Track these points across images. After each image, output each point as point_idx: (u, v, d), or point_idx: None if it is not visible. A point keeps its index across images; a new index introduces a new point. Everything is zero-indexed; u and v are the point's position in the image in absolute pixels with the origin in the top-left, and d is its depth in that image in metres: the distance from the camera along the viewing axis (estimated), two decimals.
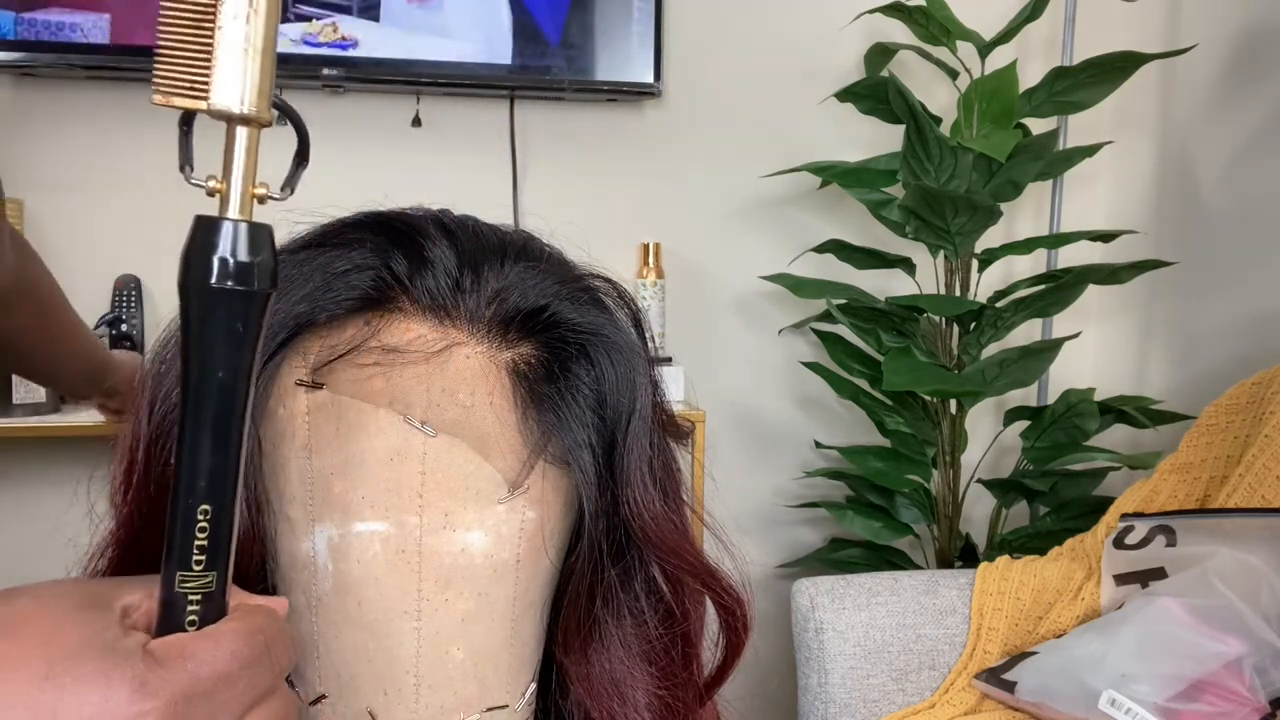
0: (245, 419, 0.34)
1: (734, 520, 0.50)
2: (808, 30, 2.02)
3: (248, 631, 0.35)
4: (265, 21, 0.32)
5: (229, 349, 0.33)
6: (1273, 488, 1.35)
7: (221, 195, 0.33)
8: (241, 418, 0.34)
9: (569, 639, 0.47)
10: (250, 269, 0.33)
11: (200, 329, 0.33)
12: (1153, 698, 1.24)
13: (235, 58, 0.32)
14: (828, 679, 1.47)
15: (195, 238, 0.33)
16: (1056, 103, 1.75)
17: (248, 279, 0.32)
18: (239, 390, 0.33)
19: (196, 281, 0.32)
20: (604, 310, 0.47)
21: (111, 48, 1.70)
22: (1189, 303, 1.93)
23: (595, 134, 1.98)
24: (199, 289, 0.32)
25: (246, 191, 0.33)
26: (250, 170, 0.33)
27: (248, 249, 0.33)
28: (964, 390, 1.67)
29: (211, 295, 0.32)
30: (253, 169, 0.33)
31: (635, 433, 0.45)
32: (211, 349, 0.33)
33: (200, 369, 0.33)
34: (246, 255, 0.32)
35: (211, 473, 0.33)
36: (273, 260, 0.33)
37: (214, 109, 0.32)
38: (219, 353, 0.33)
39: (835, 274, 1.92)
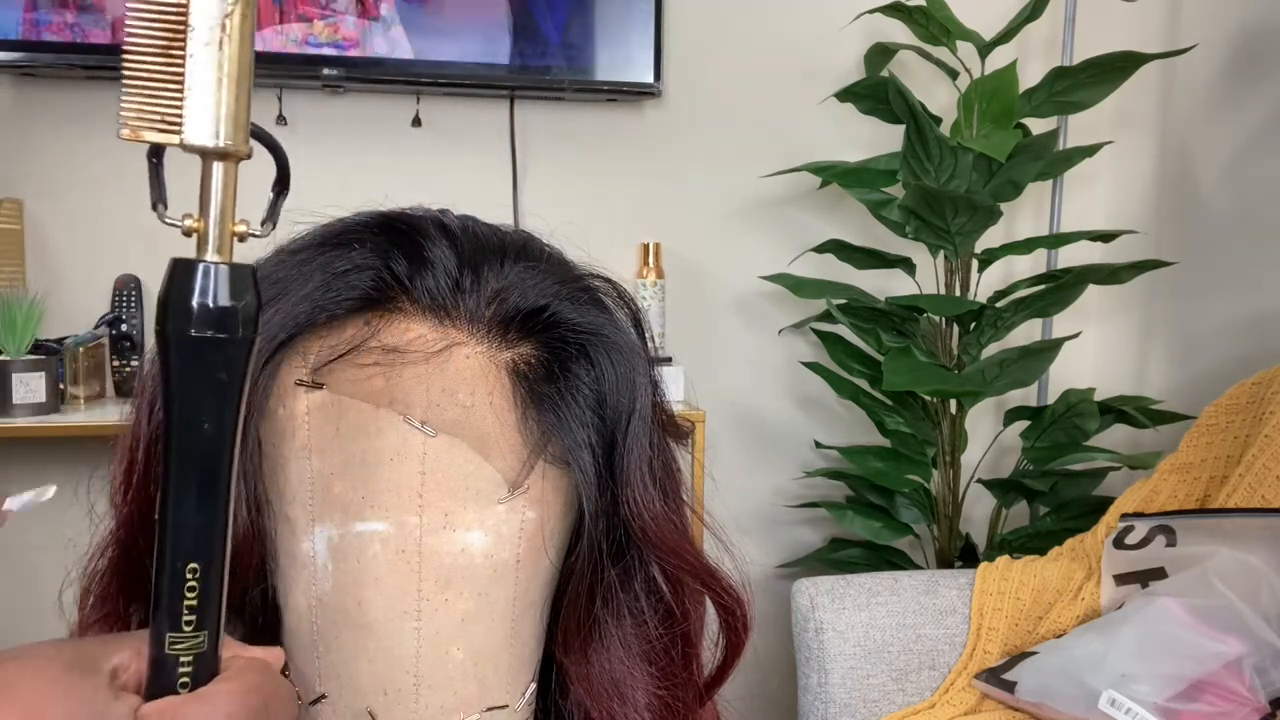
0: (233, 470, 0.32)
1: (734, 520, 0.50)
2: (808, 30, 2.02)
3: (242, 691, 0.33)
4: (239, 47, 0.30)
5: (213, 399, 0.31)
6: (1273, 488, 1.35)
7: (199, 235, 0.31)
8: (229, 469, 0.32)
9: (569, 639, 0.47)
10: (233, 315, 0.31)
11: (181, 379, 0.31)
12: (1153, 698, 1.24)
13: (208, 88, 0.30)
14: (828, 679, 1.47)
15: (173, 282, 0.30)
16: (1056, 103, 1.75)
17: (230, 326, 0.30)
18: (225, 441, 0.32)
19: (176, 330, 0.30)
20: (604, 310, 0.47)
21: (112, 48, 1.70)
22: (1189, 303, 1.93)
23: (595, 134, 1.98)
24: (179, 338, 0.30)
25: (226, 230, 0.31)
26: (229, 206, 0.31)
27: (229, 293, 0.30)
28: (964, 390, 1.67)
29: (192, 344, 0.30)
30: (231, 205, 0.31)
31: (635, 433, 0.45)
32: (194, 400, 0.31)
33: (183, 421, 0.31)
34: (228, 300, 0.30)
35: (198, 529, 0.32)
36: (256, 302, 0.31)
37: (188, 144, 0.30)
38: (203, 403, 0.31)
39: (835, 274, 1.92)
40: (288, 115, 1.84)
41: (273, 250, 0.46)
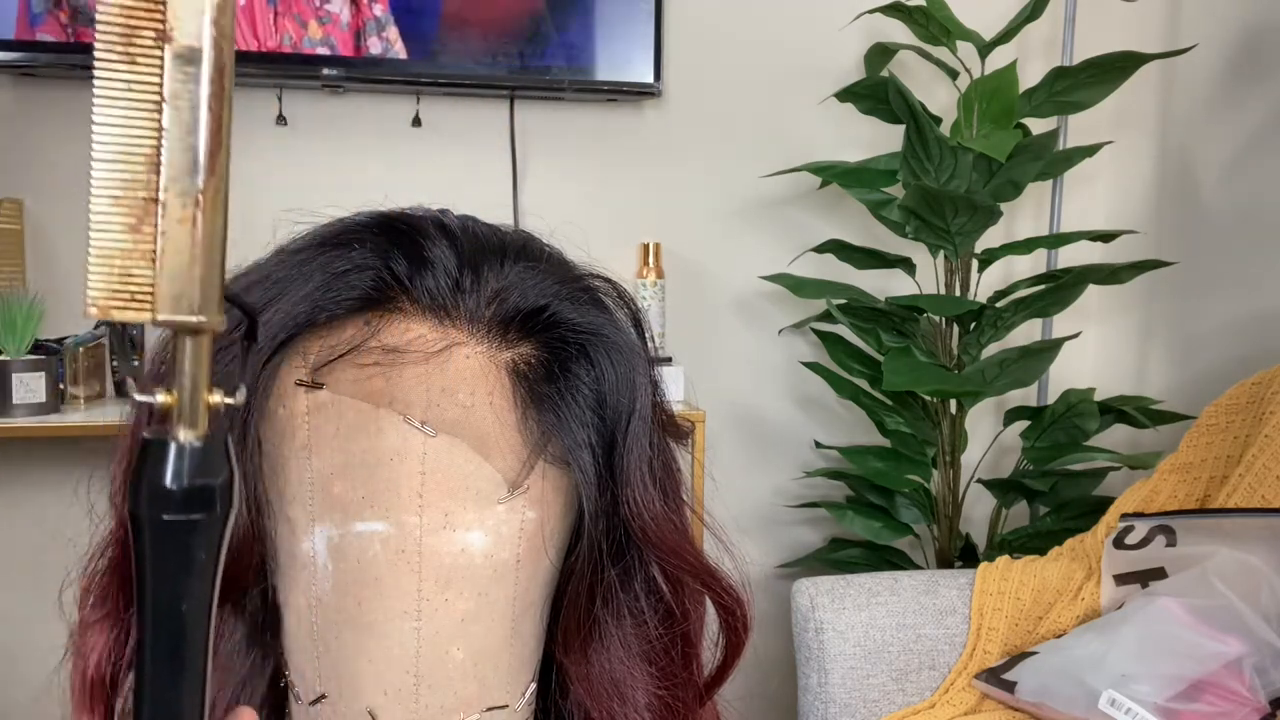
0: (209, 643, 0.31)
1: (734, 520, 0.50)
2: (808, 30, 2.02)
3: None
4: (213, 218, 0.28)
5: (190, 579, 0.30)
6: (1273, 488, 1.35)
7: (173, 409, 0.30)
8: (206, 643, 0.31)
9: (569, 639, 0.47)
10: (209, 493, 0.29)
11: (156, 562, 0.29)
12: (1153, 698, 1.24)
13: (182, 264, 0.28)
14: (828, 679, 1.47)
15: (144, 464, 0.29)
16: (1056, 103, 1.75)
17: (207, 505, 0.29)
18: (202, 616, 0.30)
19: (150, 514, 0.29)
20: (604, 310, 0.47)
21: None
22: (1189, 303, 1.93)
23: (595, 134, 1.98)
24: (153, 522, 0.29)
25: (199, 402, 0.30)
26: (203, 377, 0.30)
27: (205, 470, 0.29)
28: (964, 390, 1.67)
29: (167, 527, 0.29)
30: (205, 375, 0.30)
31: (635, 433, 0.45)
32: (170, 581, 0.30)
33: (157, 603, 0.30)
34: (204, 478, 0.29)
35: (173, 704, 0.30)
36: (229, 471, 0.30)
37: (160, 321, 0.28)
38: (179, 584, 0.30)
39: (835, 274, 1.92)
40: (287, 115, 1.84)
41: (273, 250, 0.46)
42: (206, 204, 0.28)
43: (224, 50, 0.28)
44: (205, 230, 0.28)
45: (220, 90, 0.28)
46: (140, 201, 0.28)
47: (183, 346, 0.30)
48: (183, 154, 0.28)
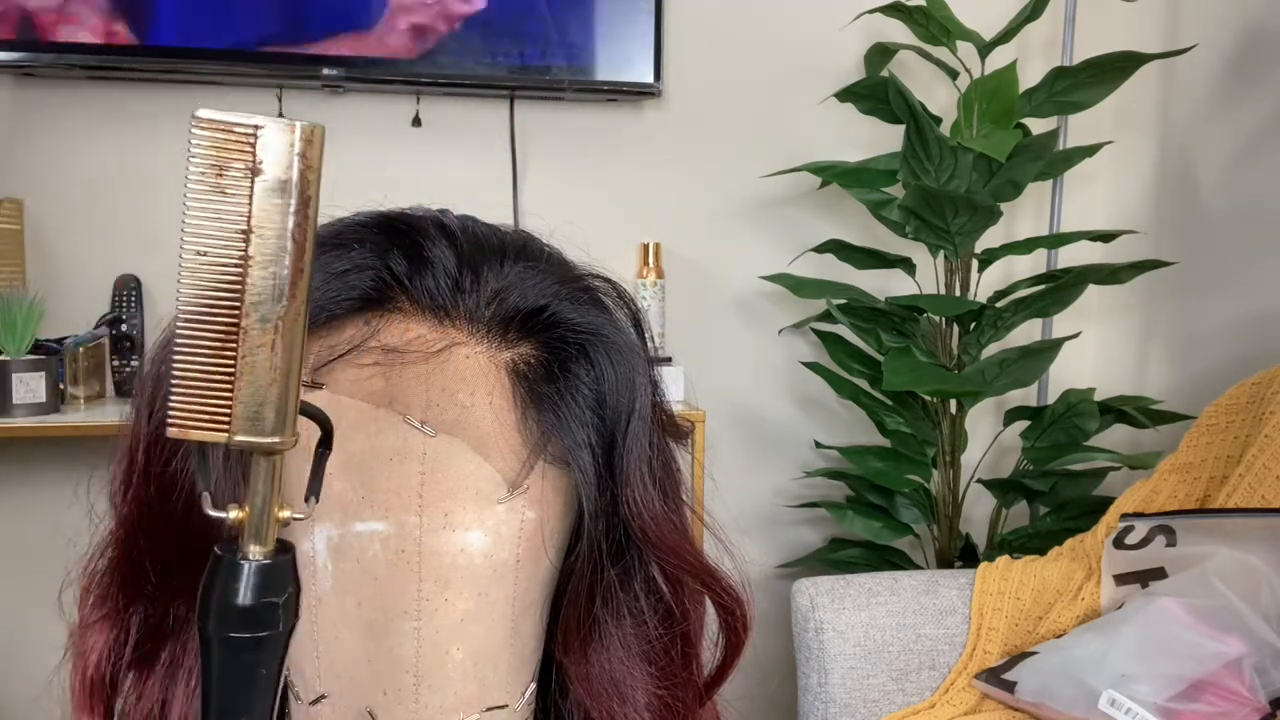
0: None
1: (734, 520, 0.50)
2: (808, 30, 2.02)
3: None
4: (292, 344, 0.29)
5: (253, 693, 0.31)
6: (1273, 488, 1.35)
7: (243, 525, 0.31)
8: None
9: (569, 639, 0.47)
10: (275, 611, 0.31)
11: (221, 674, 0.31)
12: (1153, 698, 1.24)
13: (259, 387, 0.29)
14: (828, 679, 1.47)
15: (214, 580, 0.30)
16: (1056, 103, 1.75)
17: (272, 622, 0.31)
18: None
19: (218, 630, 0.30)
20: (604, 310, 0.47)
21: (112, 48, 1.70)
22: (1189, 303, 1.93)
23: (595, 134, 1.98)
24: (221, 639, 0.30)
25: (269, 519, 0.31)
26: (274, 495, 0.31)
27: (272, 588, 0.31)
28: (964, 390, 1.67)
29: (234, 644, 0.30)
30: (277, 493, 0.31)
31: (635, 433, 0.45)
32: (234, 693, 0.31)
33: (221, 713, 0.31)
34: (270, 596, 0.31)
35: None
36: (297, 588, 0.32)
37: (236, 443, 0.30)
38: (242, 696, 0.31)
39: (835, 274, 1.92)
40: (288, 115, 1.84)
41: None
42: (286, 329, 0.29)
43: (310, 183, 0.29)
44: (284, 354, 0.29)
45: (304, 220, 0.29)
46: (224, 327, 0.29)
47: (256, 465, 0.30)
48: (265, 281, 0.29)
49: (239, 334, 0.29)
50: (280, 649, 0.31)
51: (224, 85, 1.82)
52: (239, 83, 1.81)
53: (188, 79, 1.79)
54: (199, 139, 0.28)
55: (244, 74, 1.78)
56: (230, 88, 1.82)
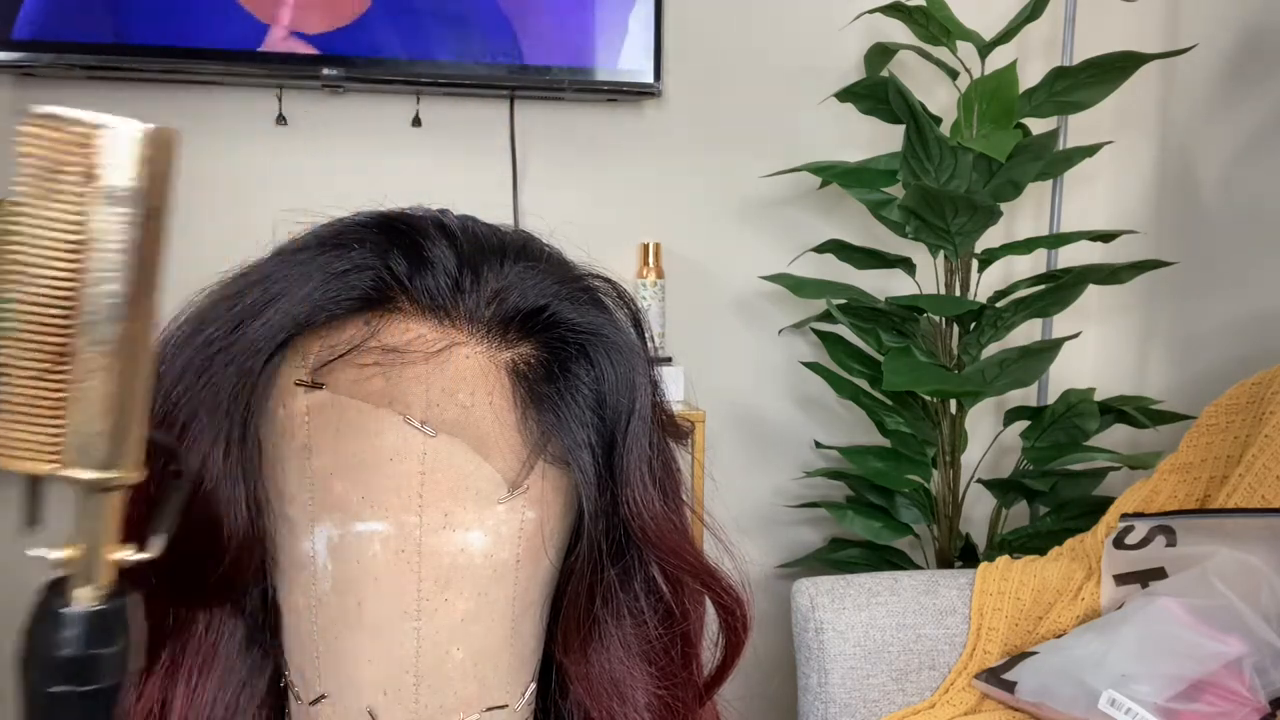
0: None
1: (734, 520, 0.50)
2: (808, 30, 2.02)
3: None
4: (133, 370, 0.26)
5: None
6: (1273, 488, 1.35)
7: (73, 568, 0.27)
8: None
9: (569, 639, 0.47)
10: (97, 664, 0.27)
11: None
12: (1153, 698, 1.24)
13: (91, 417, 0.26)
14: (828, 679, 1.47)
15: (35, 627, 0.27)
16: (1056, 103, 1.75)
17: (95, 677, 0.27)
18: None
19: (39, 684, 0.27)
20: (604, 310, 0.47)
21: (112, 48, 1.70)
22: (1189, 303, 1.93)
23: (595, 134, 1.98)
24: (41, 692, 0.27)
25: (100, 560, 0.27)
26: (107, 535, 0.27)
27: (99, 640, 0.27)
28: (964, 390, 1.67)
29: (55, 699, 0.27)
30: (111, 531, 0.27)
31: (635, 433, 0.45)
32: None
33: None
34: (97, 648, 0.27)
35: None
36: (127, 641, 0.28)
37: (64, 477, 0.26)
38: None
39: (835, 274, 1.92)
40: (287, 115, 1.84)
41: (272, 251, 0.46)
42: (124, 353, 0.26)
43: (158, 190, 0.26)
44: (121, 381, 0.26)
45: (152, 232, 0.26)
46: (52, 348, 0.25)
47: (87, 501, 0.27)
48: (100, 300, 0.25)
49: (69, 357, 0.25)
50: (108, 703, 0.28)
51: (224, 85, 1.82)
52: (239, 83, 1.81)
53: (188, 79, 1.79)
54: (31, 137, 0.25)
55: (244, 74, 1.78)
56: (230, 88, 1.82)
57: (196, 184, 1.85)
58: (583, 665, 0.47)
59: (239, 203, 1.84)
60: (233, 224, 1.72)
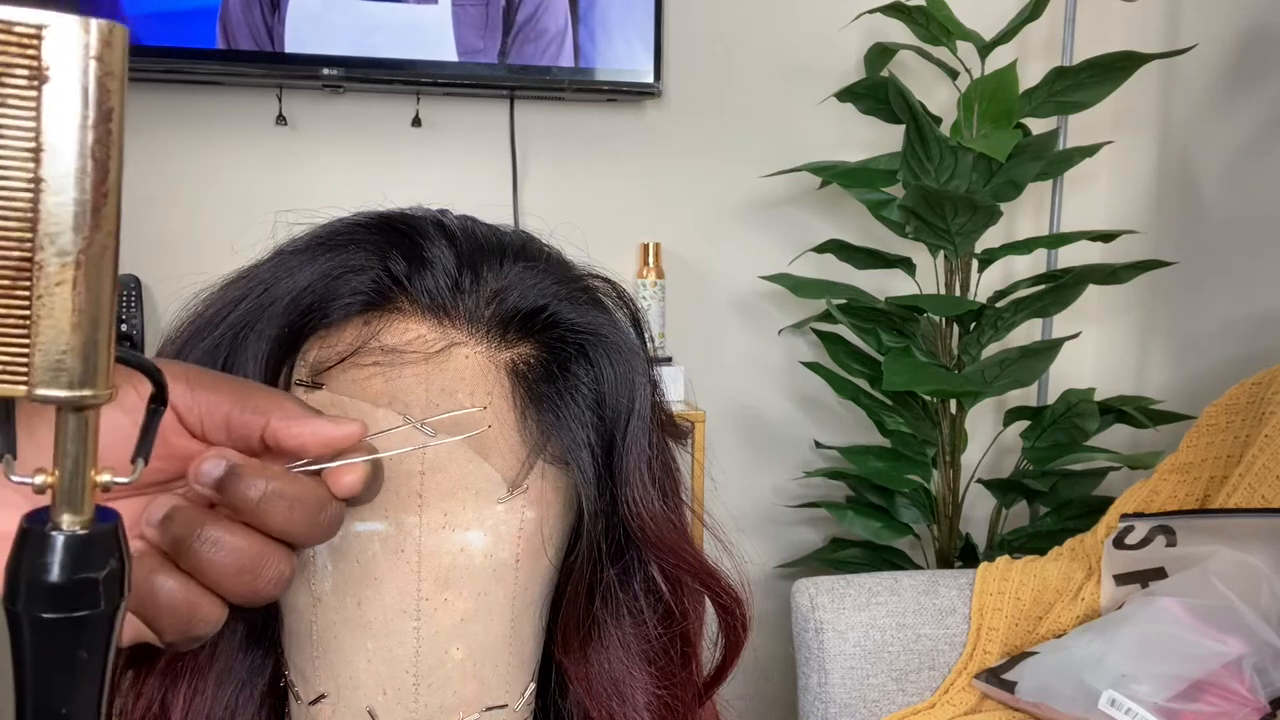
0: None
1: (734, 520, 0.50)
2: (808, 30, 2.02)
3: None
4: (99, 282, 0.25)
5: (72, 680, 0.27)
6: (1273, 488, 1.35)
7: (53, 491, 0.27)
8: None
9: (568, 638, 0.47)
10: (92, 587, 0.27)
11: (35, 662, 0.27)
12: (1153, 698, 1.24)
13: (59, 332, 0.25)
14: (828, 679, 1.47)
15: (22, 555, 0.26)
16: (1056, 103, 1.75)
17: (90, 600, 0.27)
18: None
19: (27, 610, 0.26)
20: (603, 310, 0.47)
21: None
22: (1189, 303, 1.93)
23: (595, 134, 1.98)
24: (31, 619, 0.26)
25: (84, 484, 0.27)
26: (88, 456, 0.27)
27: (88, 563, 0.27)
28: (964, 390, 1.67)
29: (47, 625, 0.26)
30: (92, 454, 0.27)
31: (634, 433, 0.45)
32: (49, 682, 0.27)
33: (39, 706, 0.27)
34: (87, 572, 0.26)
35: None
36: (120, 563, 0.27)
37: (36, 397, 0.25)
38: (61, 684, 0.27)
39: (835, 274, 1.92)
40: (287, 115, 1.85)
41: (271, 251, 0.46)
42: (89, 264, 0.25)
43: (110, 91, 0.24)
44: (87, 294, 0.25)
45: (106, 135, 0.25)
46: (14, 262, 0.25)
47: (64, 422, 0.27)
48: (62, 209, 0.24)
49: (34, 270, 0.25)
50: (104, 630, 0.27)
51: (224, 85, 1.82)
52: (239, 83, 1.81)
53: (188, 79, 1.79)
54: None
55: (244, 74, 1.78)
56: (230, 88, 1.83)
57: (197, 184, 1.85)
58: (582, 665, 0.47)
59: (239, 203, 1.84)
60: (233, 224, 1.72)
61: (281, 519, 0.33)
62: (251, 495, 0.32)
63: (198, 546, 0.32)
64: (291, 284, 0.43)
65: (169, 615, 0.33)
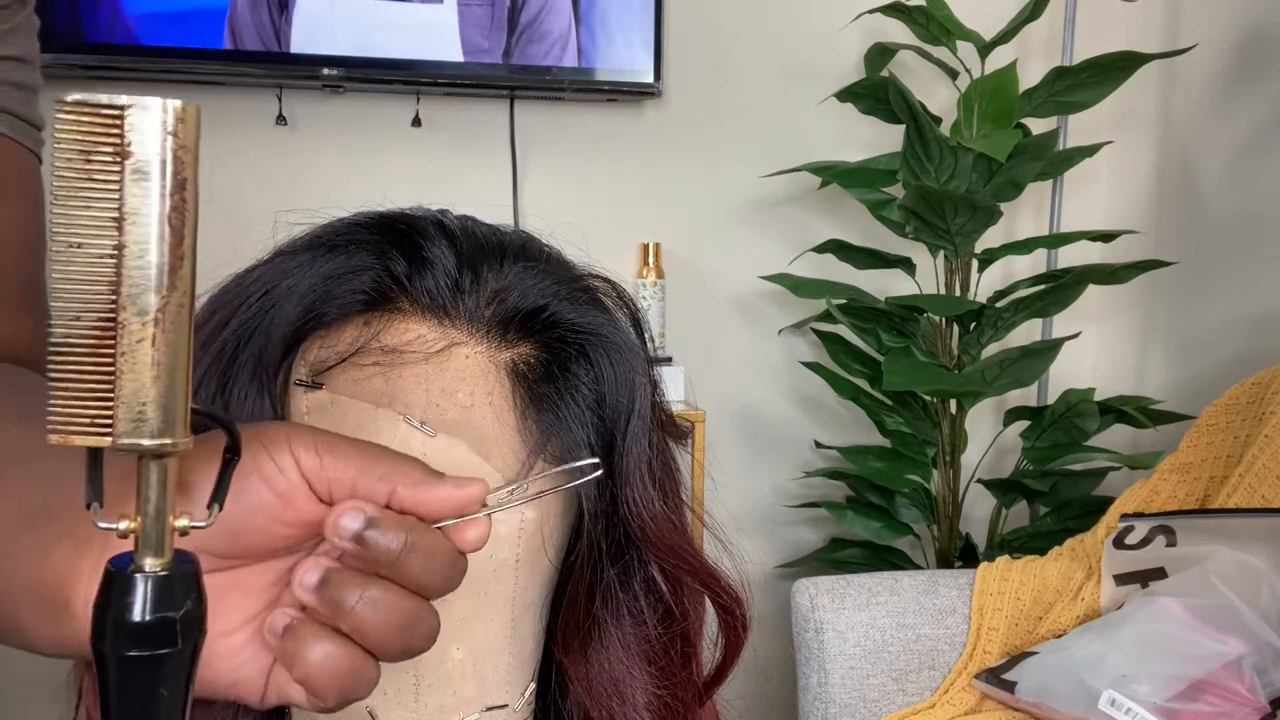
0: None
1: (734, 520, 0.50)
2: (808, 30, 2.02)
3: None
4: (176, 336, 0.27)
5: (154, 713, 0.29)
6: (1273, 488, 1.35)
7: (136, 537, 0.29)
8: None
9: (568, 639, 0.47)
10: (172, 626, 0.28)
11: (118, 699, 0.28)
12: (1153, 698, 1.24)
13: (141, 386, 0.27)
14: (828, 679, 1.47)
15: (108, 597, 0.28)
16: (1056, 103, 1.75)
17: (171, 639, 0.28)
18: None
19: (114, 649, 0.28)
20: (603, 310, 0.47)
21: (112, 48, 1.70)
22: (1189, 303, 1.93)
23: (595, 134, 1.98)
24: (116, 657, 0.28)
25: (165, 528, 0.29)
26: (168, 502, 0.29)
27: (170, 603, 0.28)
28: (964, 390, 1.67)
29: (131, 663, 0.28)
30: (171, 500, 0.29)
31: (634, 433, 0.45)
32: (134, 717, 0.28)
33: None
34: (168, 611, 0.28)
35: None
36: (199, 603, 0.29)
37: (120, 446, 0.27)
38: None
39: (835, 274, 1.92)
40: (287, 115, 1.85)
41: (271, 251, 0.46)
42: (167, 322, 0.27)
43: (184, 164, 0.27)
44: (166, 349, 0.27)
45: (181, 204, 0.27)
46: (100, 322, 0.27)
47: (146, 470, 0.28)
48: (141, 271, 0.27)
49: (117, 329, 0.27)
50: (183, 668, 0.29)
51: (224, 85, 1.82)
52: (239, 83, 1.81)
53: (188, 79, 1.79)
54: (64, 124, 0.27)
55: (244, 74, 1.78)
56: (230, 88, 1.83)
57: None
58: (582, 665, 0.47)
59: (239, 203, 1.84)
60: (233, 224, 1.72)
61: (419, 571, 0.33)
62: (394, 547, 0.32)
63: (361, 609, 0.32)
64: (292, 284, 0.43)
65: (334, 682, 0.33)
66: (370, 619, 0.32)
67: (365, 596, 0.32)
